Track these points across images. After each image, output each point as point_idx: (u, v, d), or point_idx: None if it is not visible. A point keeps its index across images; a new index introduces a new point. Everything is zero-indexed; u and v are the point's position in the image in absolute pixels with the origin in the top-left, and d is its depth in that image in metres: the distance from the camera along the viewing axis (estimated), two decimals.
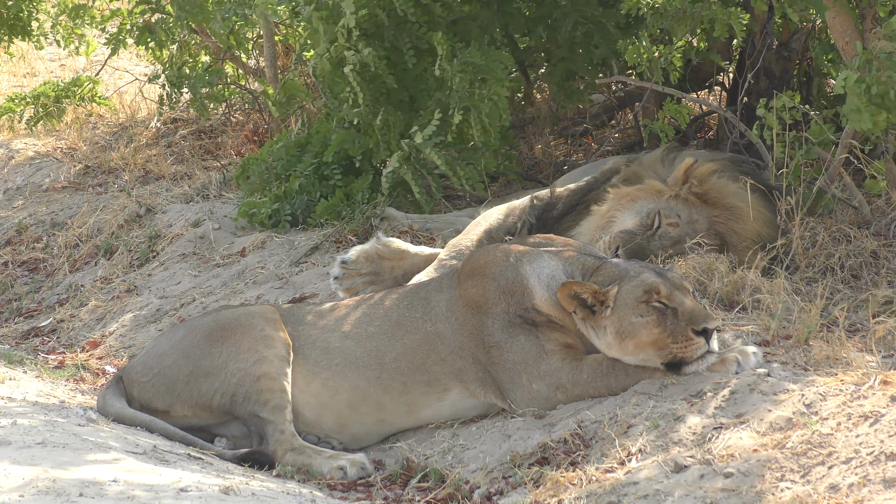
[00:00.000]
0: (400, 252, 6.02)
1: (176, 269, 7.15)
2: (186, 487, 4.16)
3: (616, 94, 8.51)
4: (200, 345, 5.18)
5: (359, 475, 4.88)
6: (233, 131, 9.26)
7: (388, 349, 5.09)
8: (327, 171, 7.18)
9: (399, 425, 5.14)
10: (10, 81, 11.47)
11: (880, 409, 4.13)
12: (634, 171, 6.26)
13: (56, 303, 7.31)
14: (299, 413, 5.12)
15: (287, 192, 7.24)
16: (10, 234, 8.21)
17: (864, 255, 5.79)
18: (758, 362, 4.71)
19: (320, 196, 7.16)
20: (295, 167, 7.27)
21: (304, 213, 7.19)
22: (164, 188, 8.28)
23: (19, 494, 3.90)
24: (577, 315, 4.86)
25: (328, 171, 7.17)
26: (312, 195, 7.19)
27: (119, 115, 9.98)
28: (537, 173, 8.04)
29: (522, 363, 4.89)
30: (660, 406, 4.56)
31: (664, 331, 4.68)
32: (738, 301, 5.45)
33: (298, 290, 6.48)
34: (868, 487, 3.81)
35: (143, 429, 5.09)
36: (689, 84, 8.08)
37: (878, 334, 5.00)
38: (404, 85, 7.13)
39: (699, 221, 5.91)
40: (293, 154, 7.37)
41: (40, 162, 9.20)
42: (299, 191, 7.20)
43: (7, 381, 5.59)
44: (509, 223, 6.23)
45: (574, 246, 5.15)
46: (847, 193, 6.15)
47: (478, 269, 5.04)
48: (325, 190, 7.17)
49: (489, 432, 4.87)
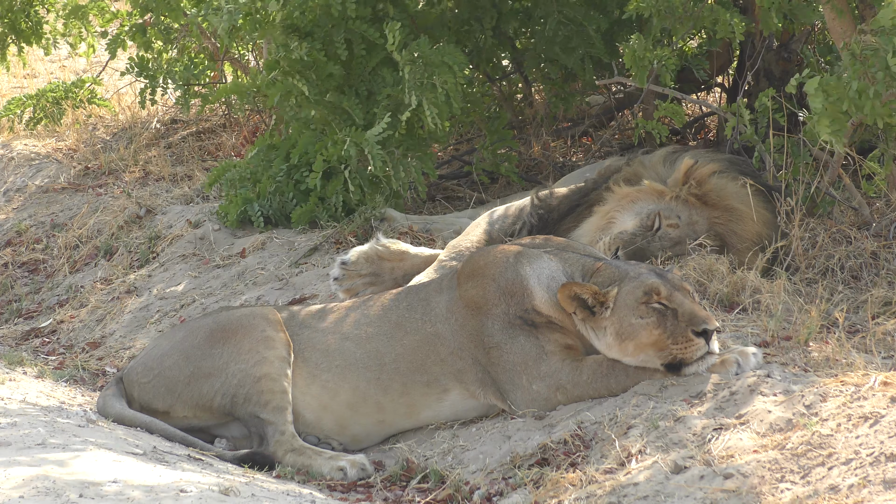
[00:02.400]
0: (400, 253, 6.02)
1: (176, 270, 7.15)
2: (186, 488, 4.17)
3: (615, 95, 8.51)
4: (201, 346, 5.18)
5: (359, 476, 4.89)
6: (232, 132, 9.26)
7: (387, 350, 5.09)
8: (297, 175, 7.20)
9: (399, 426, 5.14)
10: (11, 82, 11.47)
11: (880, 410, 4.13)
12: (634, 171, 6.26)
13: (56, 304, 7.31)
14: (299, 414, 5.12)
15: (261, 192, 7.27)
16: (10, 236, 8.20)
17: (864, 257, 5.79)
18: (758, 363, 4.71)
19: (293, 198, 7.18)
20: (266, 171, 7.29)
21: (277, 213, 7.22)
22: (164, 189, 8.28)
23: (19, 495, 3.90)
24: (576, 316, 4.86)
25: (298, 174, 7.19)
26: (286, 196, 7.21)
27: (119, 116, 9.98)
28: (536, 174, 8.04)
29: (522, 364, 4.89)
30: (660, 407, 4.56)
31: (664, 332, 4.68)
32: (738, 302, 5.45)
33: (298, 292, 6.48)
34: (868, 488, 3.81)
35: (143, 430, 5.09)
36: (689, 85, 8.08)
37: (877, 335, 5.01)
38: (361, 80, 7.14)
39: (699, 222, 5.91)
40: (267, 158, 7.39)
41: (40, 163, 9.20)
42: (273, 192, 7.23)
43: (7, 382, 5.59)
44: (509, 224, 6.23)
45: (574, 247, 5.15)
46: (847, 194, 6.15)
47: (478, 270, 5.04)
48: (298, 193, 7.20)
49: (489, 433, 4.87)
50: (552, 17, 7.37)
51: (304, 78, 7.00)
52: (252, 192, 7.31)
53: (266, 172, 7.29)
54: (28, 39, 9.75)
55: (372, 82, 7.13)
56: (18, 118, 9.86)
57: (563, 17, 7.41)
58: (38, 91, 9.88)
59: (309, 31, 7.05)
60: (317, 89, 7.04)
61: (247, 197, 7.30)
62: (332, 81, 7.07)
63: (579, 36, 7.41)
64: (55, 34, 9.87)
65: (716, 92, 8.64)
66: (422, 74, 6.76)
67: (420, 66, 6.76)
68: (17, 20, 9.62)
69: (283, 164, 7.26)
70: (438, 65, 6.81)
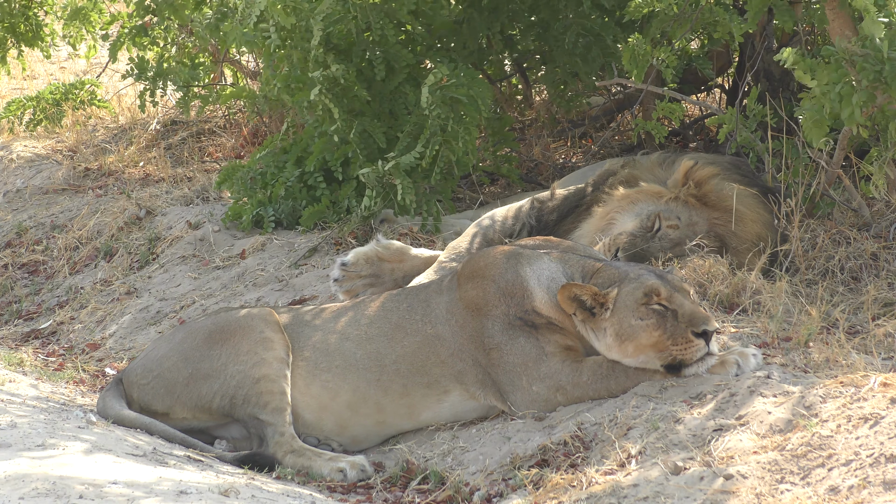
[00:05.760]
0: (400, 254, 6.02)
1: (176, 272, 7.15)
2: (186, 489, 4.17)
3: (616, 96, 8.52)
4: (199, 347, 5.18)
5: (359, 477, 4.89)
6: (232, 133, 9.26)
7: (388, 351, 5.09)
8: (311, 181, 7.20)
9: (399, 427, 5.14)
10: (11, 84, 11.48)
11: (880, 412, 4.13)
12: (632, 173, 6.27)
13: (56, 305, 7.31)
14: (299, 415, 5.12)
15: (273, 196, 7.26)
16: (10, 237, 8.21)
17: (864, 258, 5.79)
18: (758, 364, 4.71)
19: (306, 204, 7.18)
20: (279, 175, 7.29)
21: (289, 217, 7.22)
22: (163, 190, 8.28)
23: (19, 497, 3.90)
24: (576, 317, 4.86)
25: (312, 180, 7.19)
26: (298, 201, 7.20)
27: (119, 117, 9.99)
28: (537, 175, 8.05)
29: (522, 365, 4.90)
30: (660, 408, 4.56)
31: (664, 333, 4.68)
32: (738, 303, 5.45)
33: (298, 293, 6.48)
34: (868, 489, 3.81)
35: (142, 431, 5.09)
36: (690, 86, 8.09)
37: (878, 336, 5.01)
38: (382, 98, 7.13)
39: (699, 224, 5.91)
40: (278, 162, 7.39)
41: (40, 164, 9.20)
42: (285, 196, 7.23)
43: (7, 384, 5.59)
44: (509, 225, 6.24)
45: (574, 248, 5.15)
46: (846, 196, 6.15)
47: (478, 272, 5.04)
48: (311, 199, 7.20)
49: (489, 434, 4.87)
50: (571, 29, 7.38)
51: (336, 97, 6.97)
52: (264, 195, 7.31)
53: (277, 176, 7.29)
54: (28, 42, 9.75)
55: (394, 102, 7.12)
56: (18, 119, 9.87)
57: (582, 29, 7.42)
58: (39, 93, 9.89)
59: (344, 50, 7.04)
60: (345, 109, 7.03)
61: (261, 200, 7.29)
62: (357, 102, 7.06)
63: (598, 46, 7.42)
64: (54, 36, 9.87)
65: (716, 93, 8.64)
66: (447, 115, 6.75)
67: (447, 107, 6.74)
68: (16, 23, 9.63)
69: (295, 169, 7.26)
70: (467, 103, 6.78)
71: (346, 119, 6.99)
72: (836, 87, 5.24)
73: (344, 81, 6.92)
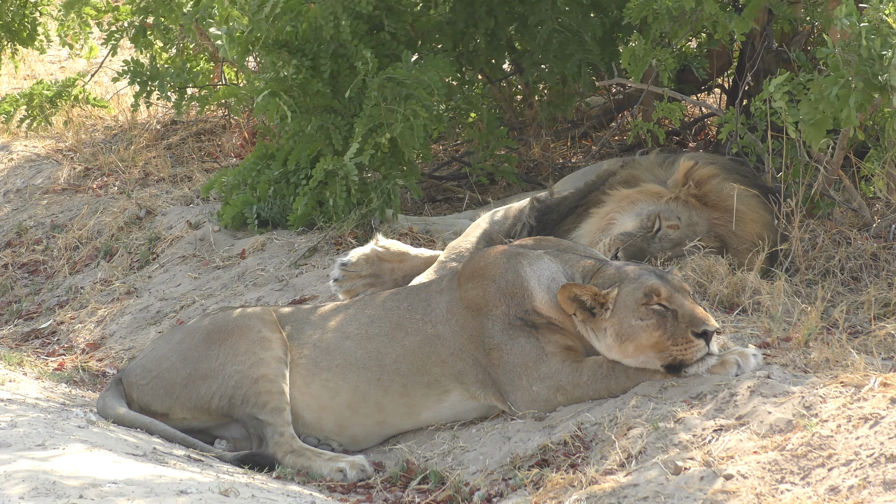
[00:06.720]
0: (400, 254, 6.02)
1: (176, 272, 7.15)
2: (186, 489, 4.17)
3: (615, 96, 8.52)
4: (198, 347, 5.18)
5: (359, 477, 4.89)
6: (232, 133, 9.26)
7: (388, 351, 5.09)
8: (294, 179, 7.19)
9: (399, 427, 5.14)
10: (10, 84, 11.47)
11: (880, 412, 4.13)
12: (632, 173, 6.26)
13: (56, 305, 7.31)
14: (299, 415, 5.12)
15: (261, 195, 7.26)
16: (10, 237, 8.20)
17: (864, 258, 5.79)
18: (758, 364, 4.71)
19: (293, 200, 7.18)
20: (261, 177, 7.28)
21: (278, 215, 7.22)
22: (163, 190, 8.28)
23: (19, 496, 3.90)
24: (576, 317, 4.86)
25: (295, 178, 7.19)
26: (286, 199, 7.20)
27: (119, 117, 9.98)
28: (536, 175, 8.05)
29: (522, 365, 4.90)
30: (660, 408, 4.56)
31: (664, 333, 4.68)
32: (738, 303, 5.45)
33: (298, 293, 6.48)
34: (868, 489, 3.81)
35: (142, 431, 5.09)
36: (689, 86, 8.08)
37: (878, 336, 5.01)
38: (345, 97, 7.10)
39: (699, 224, 5.91)
40: (262, 165, 7.38)
41: (40, 164, 9.19)
42: (273, 195, 7.23)
43: (7, 384, 5.59)
44: (509, 225, 6.24)
45: (574, 248, 5.15)
46: (846, 196, 6.15)
47: (478, 272, 5.04)
48: (296, 196, 7.19)
49: (489, 434, 4.87)
50: (547, 24, 7.34)
51: (291, 97, 6.95)
52: (252, 195, 7.31)
53: (262, 177, 7.28)
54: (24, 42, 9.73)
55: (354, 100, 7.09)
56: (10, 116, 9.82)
57: (559, 25, 7.37)
58: (31, 88, 9.85)
59: (298, 48, 7.01)
60: (302, 107, 6.99)
61: (246, 200, 7.30)
62: (319, 98, 7.04)
63: (575, 43, 7.38)
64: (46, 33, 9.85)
65: (716, 93, 8.64)
66: (392, 101, 6.71)
67: (392, 90, 6.71)
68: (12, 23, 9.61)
69: (280, 167, 7.26)
70: (414, 87, 6.74)
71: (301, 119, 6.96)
72: (834, 88, 5.24)
73: (293, 81, 6.89)
